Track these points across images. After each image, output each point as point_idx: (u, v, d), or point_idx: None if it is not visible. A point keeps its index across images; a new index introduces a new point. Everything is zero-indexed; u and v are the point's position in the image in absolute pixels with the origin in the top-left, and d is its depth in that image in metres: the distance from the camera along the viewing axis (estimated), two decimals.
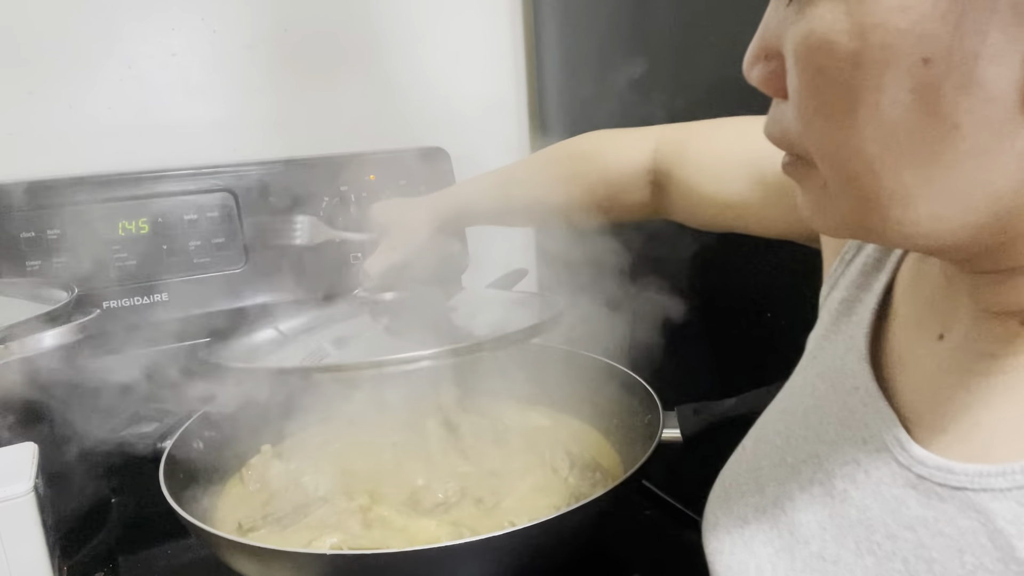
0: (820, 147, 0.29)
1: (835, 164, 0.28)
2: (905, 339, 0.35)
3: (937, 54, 0.24)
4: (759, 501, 0.38)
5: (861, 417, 0.34)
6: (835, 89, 0.26)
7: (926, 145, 0.25)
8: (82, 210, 0.81)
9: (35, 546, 0.50)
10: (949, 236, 0.27)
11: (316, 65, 0.95)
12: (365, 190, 0.93)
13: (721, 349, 0.78)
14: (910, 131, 0.25)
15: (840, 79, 0.26)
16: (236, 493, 0.67)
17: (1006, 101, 0.24)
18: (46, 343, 0.63)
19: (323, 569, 0.50)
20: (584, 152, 0.66)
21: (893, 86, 0.25)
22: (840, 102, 0.26)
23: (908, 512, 0.30)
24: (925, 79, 0.24)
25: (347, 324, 0.74)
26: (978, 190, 0.26)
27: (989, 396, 0.29)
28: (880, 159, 0.26)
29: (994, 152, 0.25)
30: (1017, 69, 0.23)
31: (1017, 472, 0.26)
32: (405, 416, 0.76)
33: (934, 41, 0.24)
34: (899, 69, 0.25)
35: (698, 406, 0.61)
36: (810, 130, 0.28)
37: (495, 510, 0.61)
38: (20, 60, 0.81)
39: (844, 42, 0.25)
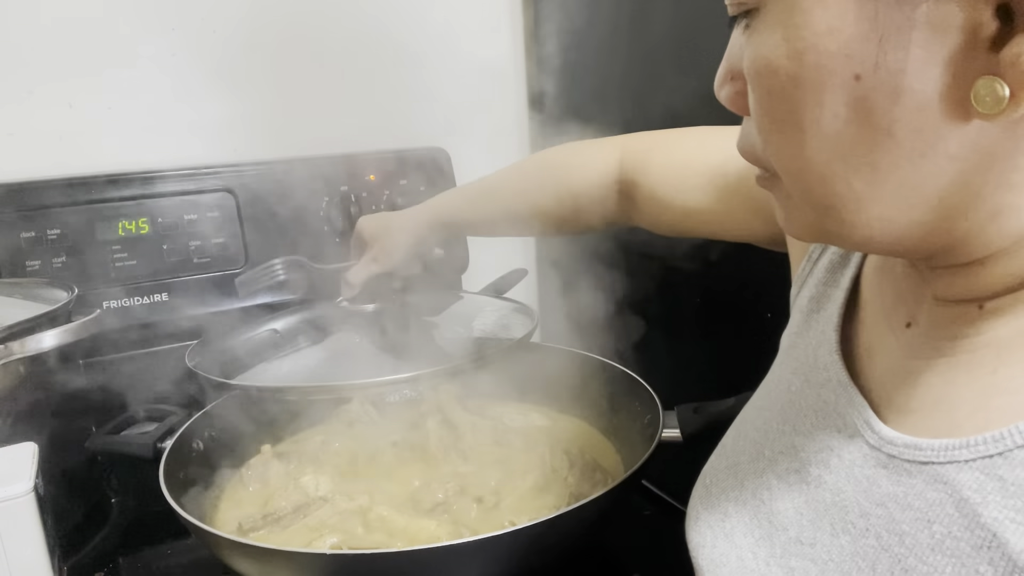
0: (777, 160, 0.31)
1: (791, 175, 0.31)
2: (874, 329, 0.37)
3: (866, 70, 0.26)
4: (738, 494, 0.39)
5: (834, 407, 0.36)
6: (782, 107, 0.29)
7: (866, 153, 0.28)
8: (82, 210, 0.81)
9: (35, 546, 0.50)
10: (899, 237, 0.30)
11: (316, 65, 0.95)
12: (365, 190, 0.93)
13: (721, 349, 0.78)
14: (851, 141, 0.28)
15: (784, 97, 0.29)
16: (236, 493, 0.67)
17: (933, 109, 0.26)
18: (46, 343, 0.62)
19: (323, 569, 0.50)
20: (552, 163, 0.68)
21: (831, 102, 0.27)
22: (788, 118, 0.29)
23: (879, 490, 0.31)
24: (858, 93, 0.27)
25: (330, 332, 0.75)
26: (917, 192, 0.28)
27: (954, 376, 0.31)
28: (828, 167, 0.29)
29: (928, 156, 0.27)
30: (939, 79, 0.26)
31: (979, 444, 0.27)
32: (405, 416, 0.76)
33: (862, 59, 0.26)
34: (834, 86, 0.27)
35: (698, 406, 0.61)
36: (767, 145, 0.31)
37: (495, 510, 0.61)
38: (20, 60, 0.81)
39: (784, 64, 0.28)
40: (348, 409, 0.77)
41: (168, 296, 0.84)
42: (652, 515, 0.70)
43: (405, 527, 0.58)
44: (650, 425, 0.63)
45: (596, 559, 0.64)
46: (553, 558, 0.55)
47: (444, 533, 0.56)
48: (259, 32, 0.91)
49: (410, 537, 0.56)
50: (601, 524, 0.58)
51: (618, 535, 0.66)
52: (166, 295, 0.84)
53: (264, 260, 0.88)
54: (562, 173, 0.66)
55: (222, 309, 0.85)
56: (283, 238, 0.88)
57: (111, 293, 0.81)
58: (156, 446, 0.64)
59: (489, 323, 0.75)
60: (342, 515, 0.60)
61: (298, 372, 0.69)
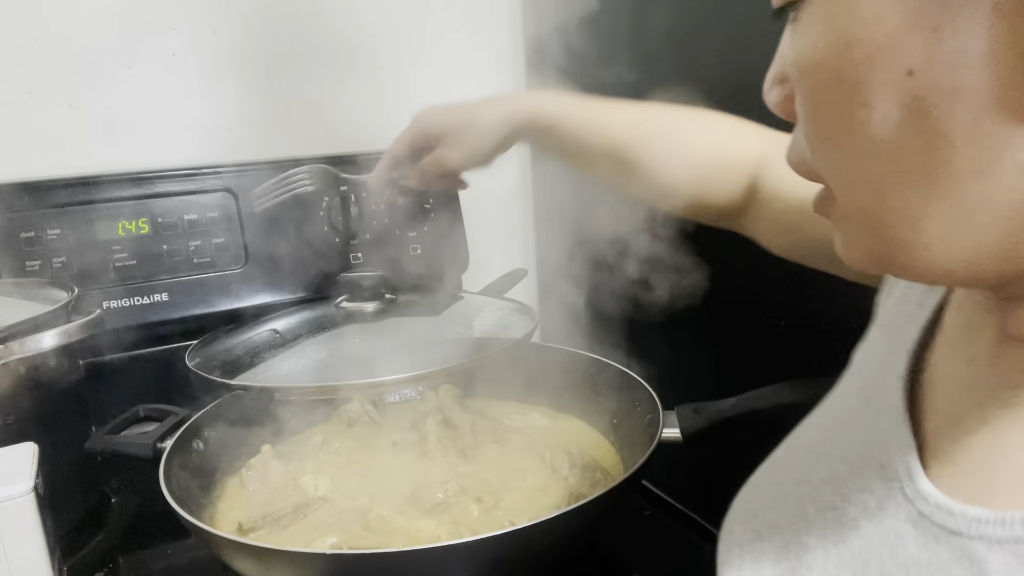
0: (827, 170, 0.28)
1: (843, 188, 0.27)
2: (943, 360, 0.33)
3: (919, 65, 0.23)
4: (777, 517, 0.37)
5: (884, 439, 0.32)
6: (829, 109, 0.26)
7: (923, 163, 0.24)
8: (82, 210, 0.81)
9: (35, 546, 0.50)
10: (967, 264, 0.25)
11: (316, 65, 0.95)
12: (365, 190, 0.93)
13: (721, 349, 0.78)
14: (905, 148, 0.24)
15: (830, 98, 0.25)
16: (236, 493, 0.67)
17: (999, 111, 0.22)
18: (46, 343, 0.63)
19: (323, 569, 0.50)
20: (698, 126, 0.58)
21: (881, 102, 0.24)
22: (835, 122, 0.26)
23: (904, 551, 0.28)
24: (911, 92, 0.23)
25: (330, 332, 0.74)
26: (982, 209, 0.24)
27: (1005, 430, 0.28)
28: (882, 179, 0.25)
29: (995, 167, 0.23)
30: (1005, 76, 0.22)
31: (1016, 522, 0.24)
32: (405, 416, 0.76)
33: (914, 51, 0.23)
34: (884, 84, 0.24)
35: (698, 406, 0.61)
36: (816, 153, 0.28)
37: (495, 510, 0.61)
38: (20, 60, 0.81)
39: (827, 60, 0.25)
40: (348, 409, 0.77)
41: (168, 296, 0.84)
42: (652, 515, 0.70)
43: (405, 527, 0.58)
44: (650, 425, 0.63)
45: (596, 559, 0.64)
46: (553, 558, 0.55)
47: (444, 533, 0.56)
48: (259, 32, 0.91)
49: (410, 537, 0.56)
50: (601, 524, 0.58)
51: (618, 535, 0.66)
52: (166, 295, 0.84)
53: (264, 260, 0.88)
54: (708, 137, 0.57)
55: (222, 309, 0.85)
56: (283, 238, 0.88)
57: (111, 293, 0.81)
58: (156, 446, 0.64)
59: (489, 323, 0.75)
60: (342, 515, 0.60)
61: (298, 372, 0.69)
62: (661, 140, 0.58)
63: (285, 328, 0.77)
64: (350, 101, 0.98)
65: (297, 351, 0.72)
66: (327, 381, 0.67)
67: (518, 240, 1.09)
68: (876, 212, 0.26)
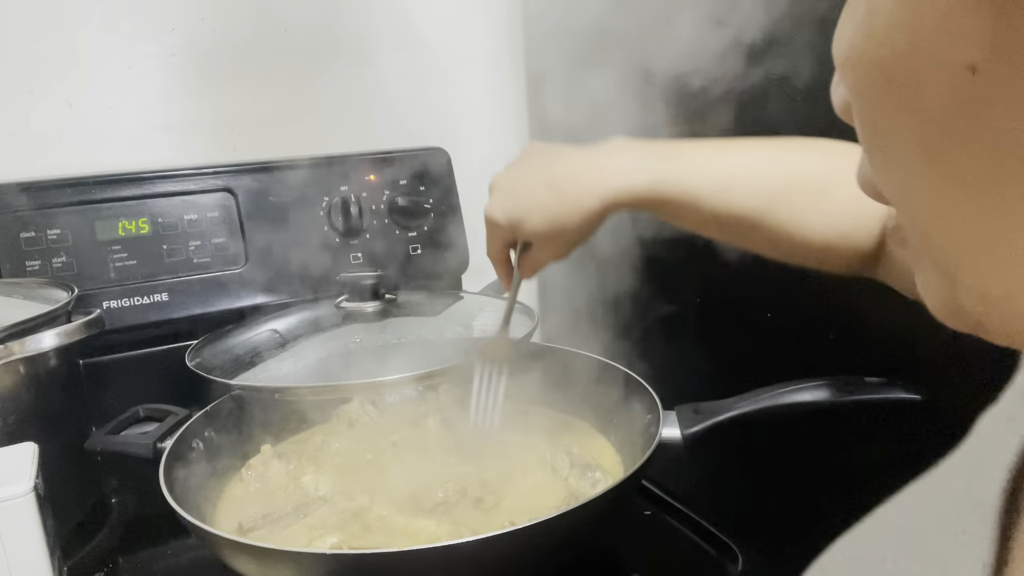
0: (887, 189, 0.22)
1: (904, 211, 0.22)
2: None
3: (983, 58, 0.17)
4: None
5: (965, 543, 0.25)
6: (876, 114, 0.20)
7: (991, 182, 0.18)
8: (82, 210, 0.81)
9: (35, 546, 0.50)
10: None
11: (316, 65, 0.95)
12: (365, 190, 0.93)
13: (721, 349, 0.78)
14: (971, 166, 0.19)
15: (877, 100, 0.20)
16: (236, 493, 0.67)
17: None
18: (46, 343, 0.63)
19: (323, 569, 0.50)
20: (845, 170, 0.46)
21: (937, 106, 0.18)
22: (884, 130, 0.20)
23: None
24: (975, 94, 0.17)
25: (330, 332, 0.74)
26: None
27: None
28: (944, 201, 0.20)
29: None
30: None
31: None
32: (405, 416, 0.76)
33: (977, 40, 0.17)
34: (939, 82, 0.18)
35: (698, 406, 0.61)
36: (873, 167, 0.22)
37: (495, 510, 0.61)
38: (20, 60, 0.81)
39: (869, 51, 0.19)
40: (348, 409, 0.77)
41: (168, 296, 0.84)
42: (652, 515, 0.70)
43: (405, 527, 0.58)
44: (650, 425, 0.63)
45: (596, 559, 0.64)
46: (553, 558, 0.55)
47: (444, 533, 0.56)
48: (259, 32, 0.91)
49: (410, 537, 0.56)
50: (601, 524, 0.58)
51: (618, 535, 0.66)
52: (166, 295, 0.84)
53: (264, 260, 0.88)
54: (839, 182, 0.48)
55: (222, 309, 0.85)
56: (283, 238, 0.88)
57: (111, 293, 0.81)
58: (156, 446, 0.64)
59: (489, 323, 0.75)
60: (342, 515, 0.60)
61: (298, 372, 0.69)
62: (790, 199, 0.50)
63: (285, 328, 0.77)
64: (350, 101, 0.98)
65: (297, 351, 0.72)
66: (327, 381, 0.67)
67: None
68: (939, 244, 0.21)
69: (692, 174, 0.51)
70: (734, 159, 0.52)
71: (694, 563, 0.63)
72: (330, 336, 0.74)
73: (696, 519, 0.67)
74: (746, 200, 0.50)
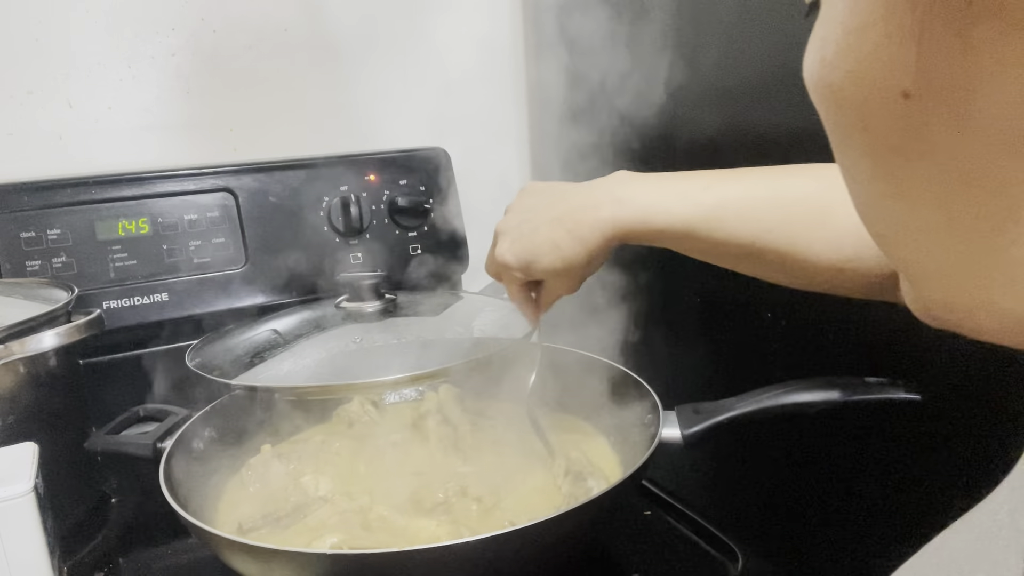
0: (855, 205, 0.23)
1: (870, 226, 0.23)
2: None
3: (914, 85, 0.18)
4: None
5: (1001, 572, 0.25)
6: (835, 135, 0.21)
7: (938, 203, 0.19)
8: (82, 210, 0.81)
9: (35, 546, 0.50)
10: None
11: (316, 65, 0.95)
12: (365, 190, 0.93)
13: (721, 349, 0.78)
14: (916, 184, 0.20)
15: (833, 122, 0.21)
16: (236, 493, 0.67)
17: (1014, 142, 0.18)
18: (46, 343, 0.63)
19: (323, 569, 0.50)
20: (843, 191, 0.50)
21: (881, 128, 0.19)
22: (844, 150, 0.21)
23: None
24: (911, 117, 0.18)
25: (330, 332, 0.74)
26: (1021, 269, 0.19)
27: None
28: (899, 219, 0.21)
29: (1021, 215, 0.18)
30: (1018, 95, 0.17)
31: None
32: (405, 416, 0.76)
33: (906, 69, 0.18)
34: (880, 106, 0.19)
35: (698, 406, 0.61)
36: (846, 186, 0.23)
37: (495, 510, 0.61)
38: (20, 60, 0.81)
39: (826, 76, 0.20)
40: (348, 409, 0.77)
41: (168, 296, 0.84)
42: (652, 515, 0.70)
43: (405, 527, 0.58)
44: (650, 425, 0.63)
45: (596, 559, 0.64)
46: (553, 558, 0.55)
47: (444, 533, 0.56)
48: (259, 32, 0.91)
49: (410, 537, 0.56)
50: (601, 524, 0.58)
51: (618, 535, 0.66)
52: (166, 295, 0.84)
53: (264, 260, 0.88)
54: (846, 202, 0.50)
55: (222, 309, 0.85)
56: (283, 238, 0.88)
57: (111, 293, 0.81)
58: (156, 446, 0.64)
59: (489, 323, 0.75)
60: (342, 515, 0.60)
61: (298, 372, 0.69)
62: (787, 226, 0.50)
63: (285, 328, 0.77)
64: (350, 101, 0.98)
65: (297, 351, 0.72)
66: (327, 381, 0.67)
67: None
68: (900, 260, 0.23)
69: (686, 204, 0.51)
70: (728, 188, 0.52)
71: (694, 563, 0.63)
72: (330, 336, 0.74)
73: (696, 519, 0.67)
74: (742, 229, 0.51)
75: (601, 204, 0.54)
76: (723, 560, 0.62)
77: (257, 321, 0.79)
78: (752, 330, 0.72)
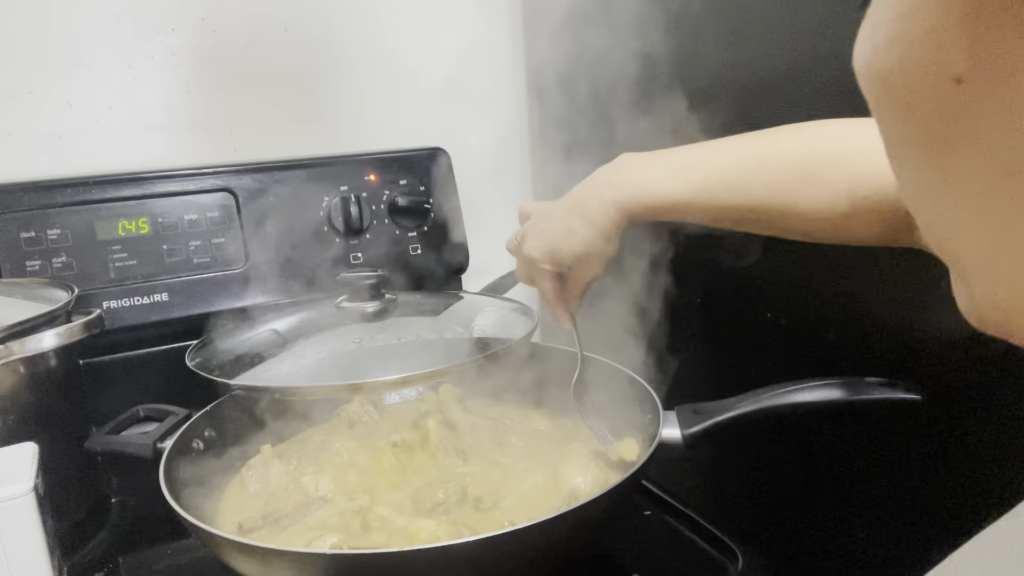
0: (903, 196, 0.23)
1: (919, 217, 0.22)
2: None
3: (967, 71, 0.17)
4: None
5: None
6: (884, 124, 0.21)
7: (987, 194, 0.19)
8: (82, 210, 0.81)
9: (35, 546, 0.50)
10: None
11: (316, 65, 0.95)
12: (365, 190, 0.93)
13: (721, 349, 0.78)
14: (965, 174, 0.19)
15: (883, 110, 0.21)
16: (236, 493, 0.67)
17: None
18: (46, 343, 0.63)
19: (323, 569, 0.50)
20: (828, 150, 0.51)
21: (931, 115, 0.19)
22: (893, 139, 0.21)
23: None
24: (962, 104, 0.18)
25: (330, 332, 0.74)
26: None
27: None
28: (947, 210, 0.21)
29: None
30: None
31: None
32: (405, 416, 0.76)
33: (959, 54, 0.17)
34: (930, 92, 0.19)
35: (698, 406, 0.61)
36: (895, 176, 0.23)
37: (495, 510, 0.61)
38: (20, 60, 0.81)
39: (876, 63, 0.20)
40: (348, 409, 0.77)
41: (168, 296, 0.84)
42: (652, 515, 0.70)
43: (405, 527, 0.58)
44: (650, 425, 0.63)
45: (596, 559, 0.64)
46: (553, 558, 0.55)
47: (444, 533, 0.56)
48: (259, 32, 0.91)
49: (410, 537, 0.56)
50: (601, 524, 0.58)
51: (618, 535, 0.66)
52: (166, 295, 0.84)
53: (264, 260, 0.88)
54: (848, 160, 0.49)
55: (222, 309, 0.85)
56: (283, 238, 0.88)
57: (111, 293, 0.81)
58: (156, 446, 0.64)
59: (489, 323, 0.75)
60: (342, 515, 0.60)
61: (298, 372, 0.69)
62: (785, 187, 0.51)
63: (285, 328, 0.77)
64: (350, 101, 0.98)
65: (297, 351, 0.72)
66: (327, 381, 0.67)
67: None
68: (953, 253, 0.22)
69: (677, 182, 0.55)
70: (716, 161, 0.55)
71: (694, 563, 0.63)
72: (330, 336, 0.74)
73: (696, 519, 0.67)
74: (734, 198, 0.53)
75: (601, 189, 0.57)
76: (723, 560, 0.62)
77: (257, 321, 0.79)
78: (752, 330, 0.72)
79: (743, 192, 0.53)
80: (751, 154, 0.53)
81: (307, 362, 0.71)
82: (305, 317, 0.79)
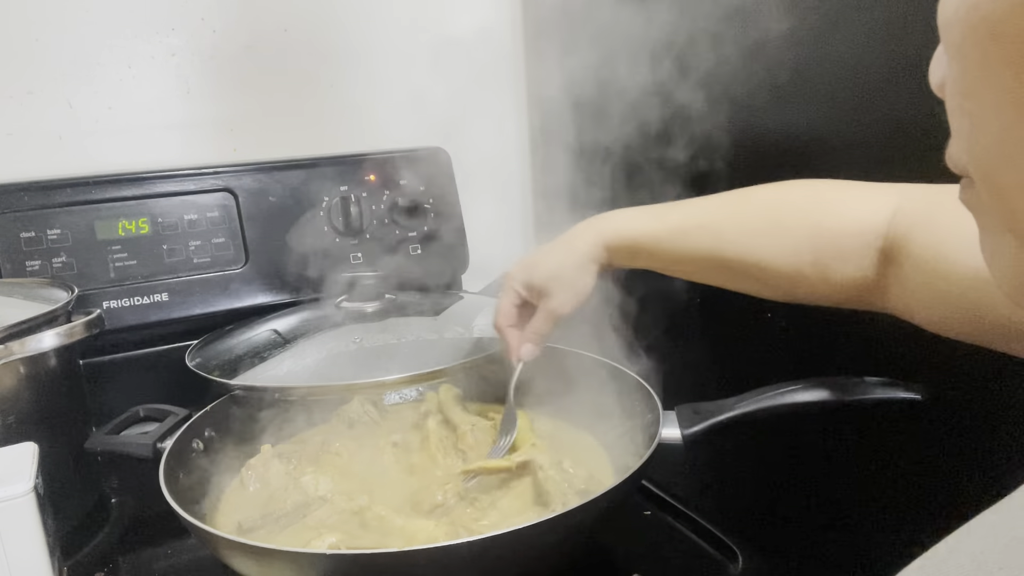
0: (972, 154, 0.22)
1: (989, 174, 0.22)
2: None
3: None
4: None
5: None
6: (978, 70, 0.21)
7: None
8: (82, 210, 0.81)
9: (35, 546, 0.50)
10: None
11: (316, 65, 0.95)
12: (365, 190, 0.93)
13: (721, 349, 0.78)
14: None
15: (980, 56, 0.20)
16: (236, 493, 0.67)
17: None
18: (46, 343, 0.63)
19: (322, 569, 0.50)
20: (795, 200, 0.52)
21: None
22: (984, 87, 0.20)
23: None
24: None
25: (330, 332, 0.74)
26: None
27: None
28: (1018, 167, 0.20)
29: None
30: None
31: None
32: (405, 416, 0.76)
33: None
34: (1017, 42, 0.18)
35: (698, 406, 0.61)
36: (959, 139, 0.22)
37: (494, 510, 0.61)
38: (20, 60, 0.82)
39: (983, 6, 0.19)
40: (348, 409, 0.77)
41: (168, 296, 0.84)
42: (652, 515, 0.70)
43: (404, 527, 0.58)
44: (650, 425, 0.63)
45: (596, 559, 0.64)
46: (553, 558, 0.55)
47: (443, 533, 0.56)
48: (258, 32, 0.91)
49: (408, 537, 0.56)
50: (601, 524, 0.58)
51: (618, 535, 0.66)
52: (166, 295, 0.84)
53: (264, 260, 0.88)
54: (808, 215, 0.50)
55: (222, 309, 0.86)
56: (283, 238, 0.88)
57: (111, 293, 0.81)
58: (156, 446, 0.64)
59: (489, 323, 0.75)
60: (341, 515, 0.60)
61: (298, 372, 0.69)
62: (752, 233, 0.53)
63: (285, 328, 0.77)
64: (350, 101, 0.98)
65: (297, 351, 0.72)
66: (327, 381, 0.67)
67: (518, 240, 1.09)
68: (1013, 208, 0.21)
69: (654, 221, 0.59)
70: (693, 207, 0.59)
71: (694, 563, 0.63)
72: (330, 336, 0.74)
73: (696, 519, 0.67)
74: (703, 240, 0.56)
75: (589, 223, 0.63)
76: (723, 560, 0.62)
77: (257, 321, 0.80)
78: (752, 330, 0.72)
79: (715, 236, 0.55)
80: (727, 202, 0.57)
81: (307, 362, 0.71)
82: (305, 317, 0.79)
